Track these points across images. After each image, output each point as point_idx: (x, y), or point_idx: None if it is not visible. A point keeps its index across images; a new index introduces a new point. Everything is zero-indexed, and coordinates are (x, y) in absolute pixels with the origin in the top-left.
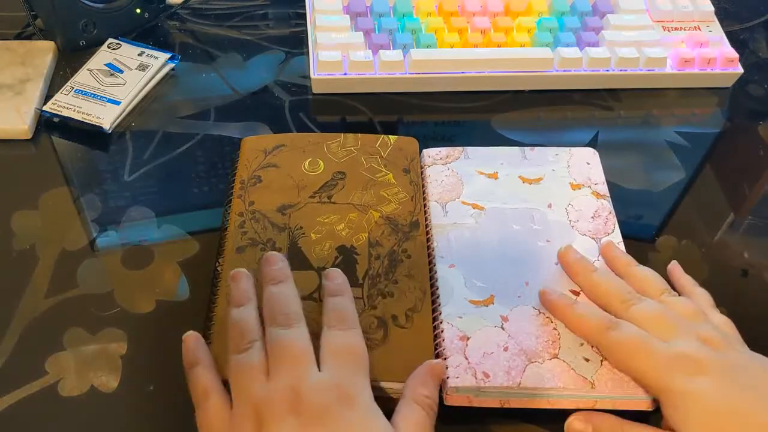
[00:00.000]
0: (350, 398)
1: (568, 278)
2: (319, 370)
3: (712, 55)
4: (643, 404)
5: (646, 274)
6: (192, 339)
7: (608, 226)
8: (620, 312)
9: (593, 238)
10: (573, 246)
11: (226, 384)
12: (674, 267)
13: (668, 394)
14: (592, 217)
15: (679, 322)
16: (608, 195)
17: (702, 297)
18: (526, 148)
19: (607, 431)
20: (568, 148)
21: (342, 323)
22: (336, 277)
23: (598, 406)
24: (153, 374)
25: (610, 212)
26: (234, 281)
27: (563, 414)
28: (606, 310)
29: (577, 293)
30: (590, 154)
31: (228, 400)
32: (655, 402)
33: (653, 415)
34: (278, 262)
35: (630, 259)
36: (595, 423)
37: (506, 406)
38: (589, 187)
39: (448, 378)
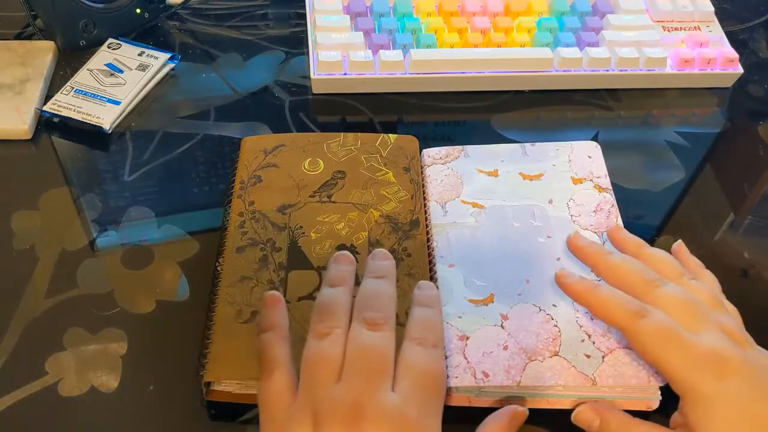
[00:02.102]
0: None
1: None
2: (394, 386)
3: (712, 55)
4: (643, 405)
5: (661, 255)
6: (271, 300)
7: (611, 219)
8: (644, 295)
9: (596, 233)
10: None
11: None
12: (680, 247)
13: (694, 395)
14: (594, 211)
15: (706, 311)
16: (611, 188)
17: (711, 281)
18: (526, 144)
19: (614, 427)
20: (569, 143)
21: (426, 338)
22: (428, 288)
23: None
24: (153, 374)
25: (613, 205)
26: (335, 262)
27: (563, 414)
28: (627, 293)
29: None
30: (592, 148)
31: (293, 379)
32: (656, 402)
33: (651, 416)
34: (386, 259)
35: (640, 241)
36: (603, 416)
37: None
38: (591, 180)
39: (447, 378)
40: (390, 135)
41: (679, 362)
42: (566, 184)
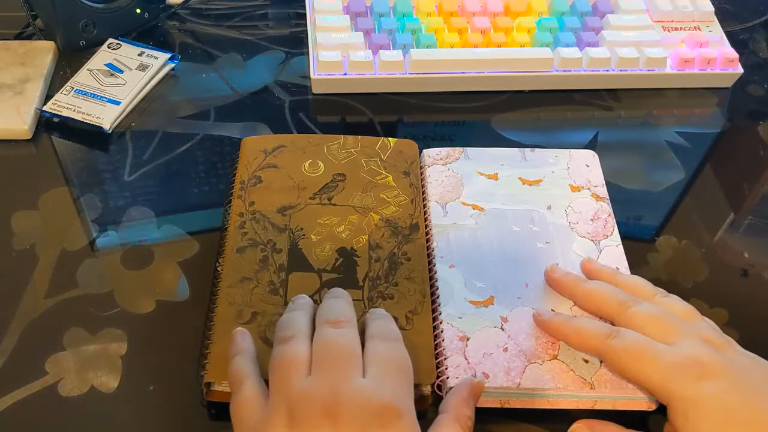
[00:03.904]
0: (392, 413)
1: None
2: (364, 373)
3: (712, 55)
4: (643, 404)
5: (634, 279)
6: (238, 333)
7: (607, 228)
8: (618, 316)
9: (592, 240)
10: (558, 265)
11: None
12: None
13: (678, 402)
14: (592, 219)
15: (680, 323)
16: (608, 197)
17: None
18: (526, 149)
19: None
20: (567, 150)
21: (387, 335)
22: (380, 312)
23: (597, 407)
24: (153, 374)
25: (610, 214)
26: (295, 296)
27: (563, 414)
28: (603, 319)
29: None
30: (590, 157)
31: (262, 389)
32: (656, 402)
33: (652, 415)
34: (340, 296)
35: (614, 270)
36: (596, 429)
37: (506, 406)
38: (589, 189)
39: (447, 378)
40: (390, 139)
41: (653, 372)
42: (565, 191)
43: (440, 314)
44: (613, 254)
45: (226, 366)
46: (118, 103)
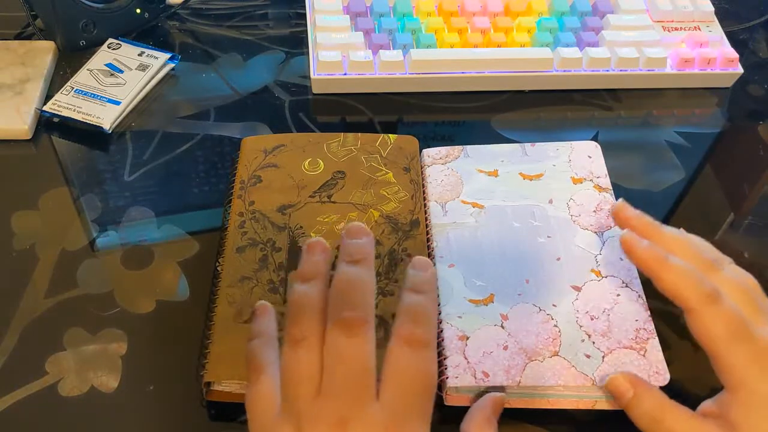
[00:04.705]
0: None
1: (570, 274)
2: (379, 392)
3: (712, 55)
4: None
5: (698, 240)
6: (261, 310)
7: (610, 219)
8: (706, 275)
9: (595, 233)
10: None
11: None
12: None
13: (746, 392)
14: (594, 211)
15: (761, 301)
16: (611, 188)
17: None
18: (526, 144)
19: (647, 404)
20: (569, 143)
21: (416, 335)
22: (424, 268)
23: (597, 406)
24: (153, 374)
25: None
26: (308, 252)
27: (563, 414)
28: None
29: (578, 288)
30: (592, 148)
31: (279, 384)
32: None
33: None
34: (362, 236)
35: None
36: (638, 391)
37: (506, 406)
38: (591, 180)
39: (447, 378)
40: (390, 135)
41: (742, 357)
42: (566, 184)
43: (440, 314)
44: (618, 245)
45: (226, 366)
46: (118, 103)
